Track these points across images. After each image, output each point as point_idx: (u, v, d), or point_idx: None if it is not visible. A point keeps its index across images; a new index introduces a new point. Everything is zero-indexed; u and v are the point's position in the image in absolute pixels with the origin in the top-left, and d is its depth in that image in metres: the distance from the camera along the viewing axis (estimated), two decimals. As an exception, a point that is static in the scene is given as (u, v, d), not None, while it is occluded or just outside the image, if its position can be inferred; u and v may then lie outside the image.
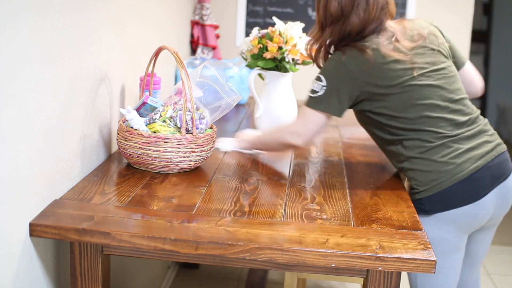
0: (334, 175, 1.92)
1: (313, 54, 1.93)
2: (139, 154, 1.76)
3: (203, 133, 1.83)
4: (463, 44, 3.43)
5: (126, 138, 1.78)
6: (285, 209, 1.60)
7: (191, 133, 1.79)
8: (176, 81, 2.95)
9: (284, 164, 2.03)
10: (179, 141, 1.75)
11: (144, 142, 1.75)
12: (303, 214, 1.57)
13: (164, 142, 1.74)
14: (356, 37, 1.81)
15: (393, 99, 1.78)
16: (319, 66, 1.93)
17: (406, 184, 1.91)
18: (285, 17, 3.43)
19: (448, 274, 1.83)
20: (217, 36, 3.31)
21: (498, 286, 3.25)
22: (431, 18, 3.22)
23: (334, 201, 1.68)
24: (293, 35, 2.24)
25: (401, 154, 1.83)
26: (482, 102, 6.72)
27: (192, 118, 1.78)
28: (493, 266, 3.48)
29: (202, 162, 1.85)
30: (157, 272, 2.81)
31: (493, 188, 1.80)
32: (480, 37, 6.56)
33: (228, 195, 1.68)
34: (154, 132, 1.79)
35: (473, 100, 1.96)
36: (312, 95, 1.82)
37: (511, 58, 6.82)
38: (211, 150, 1.86)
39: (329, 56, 1.88)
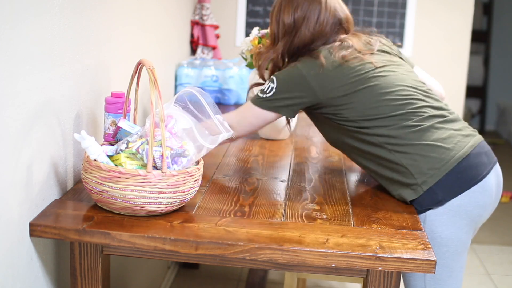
0: (334, 175, 1.92)
1: (260, 64, 1.92)
2: (99, 191, 1.45)
3: (179, 170, 1.46)
4: (463, 44, 3.43)
5: (86, 169, 1.46)
6: (285, 209, 1.60)
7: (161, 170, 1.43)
8: (176, 81, 2.95)
9: (284, 164, 2.03)
10: (144, 178, 1.42)
11: (102, 177, 1.43)
12: (303, 214, 1.57)
13: (126, 178, 1.41)
14: (305, 50, 1.82)
15: (360, 96, 1.72)
16: (262, 78, 1.94)
17: (399, 191, 1.74)
18: (285, 17, 3.43)
19: (458, 277, 1.76)
20: (217, 36, 3.31)
21: (498, 286, 3.25)
22: (431, 18, 3.23)
23: (334, 201, 1.68)
24: (293, 35, 2.23)
25: (391, 146, 1.71)
26: (482, 102, 6.72)
27: (162, 155, 1.43)
28: (493, 266, 3.48)
29: (178, 205, 1.51)
30: (157, 272, 2.81)
31: (492, 168, 1.76)
32: (480, 37, 6.56)
33: (228, 195, 1.68)
34: (117, 165, 1.47)
35: (472, 99, 1.93)
36: (261, 95, 1.79)
37: (511, 58, 6.82)
38: (190, 192, 1.50)
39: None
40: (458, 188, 1.70)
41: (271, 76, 1.81)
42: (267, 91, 1.78)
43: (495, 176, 1.77)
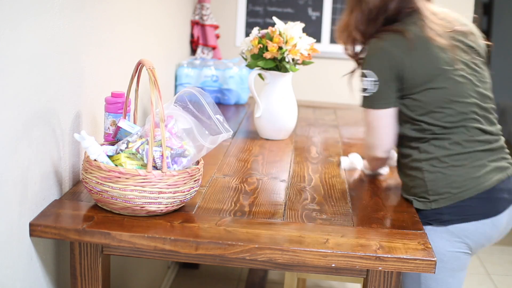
0: (334, 175, 1.92)
1: (341, 41, 1.82)
2: (99, 191, 1.45)
3: (179, 169, 1.47)
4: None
5: (86, 169, 1.47)
6: (285, 209, 1.60)
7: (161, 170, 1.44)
8: (176, 81, 2.95)
9: (284, 164, 2.03)
10: (144, 178, 1.43)
11: (102, 177, 1.43)
12: (303, 214, 1.57)
13: (126, 178, 1.41)
14: (382, 19, 1.71)
15: (432, 92, 1.65)
16: (349, 56, 1.84)
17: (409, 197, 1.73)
18: (285, 17, 3.43)
19: None
20: (217, 36, 3.31)
21: (498, 286, 3.25)
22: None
23: (334, 201, 1.68)
24: (293, 35, 2.24)
25: (425, 153, 1.67)
26: (482, 102, 6.72)
27: (162, 155, 1.44)
28: (493, 266, 3.48)
29: (178, 205, 1.51)
30: (157, 272, 2.81)
31: (508, 208, 1.68)
32: (480, 37, 6.55)
33: (228, 195, 1.68)
34: (117, 165, 1.47)
35: None
36: (366, 95, 1.70)
37: (511, 58, 6.82)
38: (190, 192, 1.51)
39: (365, 47, 1.76)
40: (468, 217, 1.65)
41: (362, 70, 1.71)
42: (370, 87, 1.69)
43: (509, 213, 1.70)
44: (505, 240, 3.89)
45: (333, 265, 1.37)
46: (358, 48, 1.81)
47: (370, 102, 1.71)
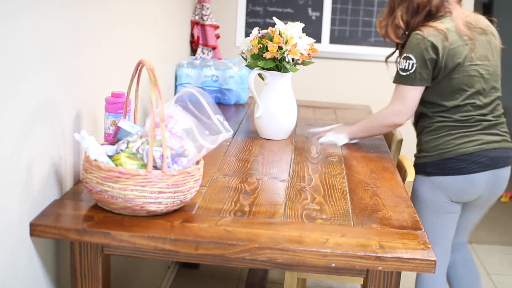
0: (334, 175, 1.92)
1: (384, 31, 2.26)
2: (99, 191, 1.45)
3: (179, 169, 1.47)
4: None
5: (86, 169, 1.47)
6: (285, 209, 1.60)
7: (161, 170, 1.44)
8: (176, 81, 2.95)
9: (284, 164, 2.03)
10: (144, 178, 1.42)
11: (103, 177, 1.43)
12: (303, 214, 1.57)
13: (126, 178, 1.41)
14: (424, 13, 2.16)
15: (447, 80, 2.12)
16: (390, 38, 2.25)
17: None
18: (285, 17, 3.43)
19: (440, 230, 2.22)
20: (217, 36, 3.31)
21: (498, 286, 3.25)
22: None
23: (334, 201, 1.68)
24: (293, 35, 2.24)
25: (427, 122, 2.20)
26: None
27: (162, 155, 1.44)
28: (493, 266, 3.48)
29: (179, 205, 1.52)
30: (157, 271, 2.82)
31: (486, 171, 2.14)
32: (480, 37, 6.56)
33: (228, 195, 1.68)
34: (117, 165, 1.47)
35: None
36: (404, 74, 2.13)
37: (511, 58, 6.82)
38: (190, 191, 1.52)
39: (410, 38, 2.15)
40: (444, 171, 2.16)
41: (405, 54, 2.13)
42: (410, 68, 2.11)
43: (491, 176, 2.16)
44: (505, 240, 3.90)
45: (333, 264, 1.37)
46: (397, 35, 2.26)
47: (406, 80, 2.14)
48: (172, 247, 1.38)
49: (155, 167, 1.45)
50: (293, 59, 2.26)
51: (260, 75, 2.32)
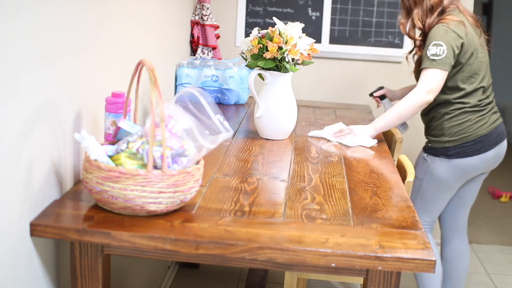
0: (334, 175, 1.92)
1: (407, 31, 2.52)
2: (99, 191, 1.45)
3: (179, 169, 1.47)
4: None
5: (86, 169, 1.47)
6: (285, 209, 1.60)
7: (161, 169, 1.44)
8: (176, 81, 2.95)
9: (284, 164, 2.03)
10: (144, 178, 1.42)
11: (103, 177, 1.43)
12: (303, 214, 1.57)
13: (126, 178, 1.41)
14: (437, 12, 2.44)
15: (465, 68, 2.42)
16: (411, 38, 2.53)
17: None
18: (285, 17, 3.43)
19: (437, 204, 2.59)
20: (217, 36, 3.31)
21: (498, 286, 3.25)
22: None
23: (334, 201, 1.68)
24: (293, 35, 2.24)
25: (447, 107, 2.48)
26: (482, 102, 6.72)
27: (162, 155, 1.44)
28: (493, 266, 3.48)
29: (179, 205, 1.51)
30: (157, 271, 2.82)
31: (495, 147, 2.50)
32: (480, 37, 6.55)
33: (228, 195, 1.68)
34: (117, 165, 1.46)
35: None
36: (436, 58, 2.37)
37: (511, 58, 6.82)
38: (190, 191, 1.52)
39: (434, 29, 2.42)
40: (465, 154, 2.47)
41: (435, 41, 2.38)
42: (441, 54, 2.36)
43: (497, 150, 2.52)
44: (505, 240, 3.91)
45: (333, 264, 1.37)
46: (417, 32, 2.54)
47: (438, 64, 2.38)
48: (172, 247, 1.38)
49: (155, 167, 1.45)
50: (293, 59, 2.26)
51: (260, 75, 2.32)
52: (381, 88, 2.90)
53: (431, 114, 2.55)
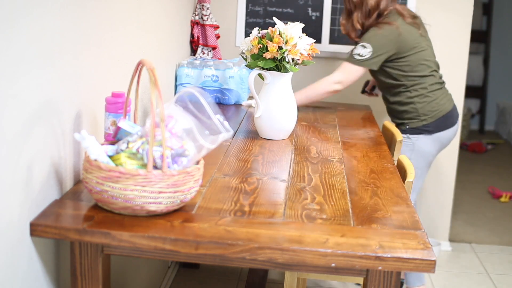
0: (334, 175, 1.92)
1: (346, 31, 2.84)
2: (99, 191, 1.45)
3: (179, 169, 1.47)
4: (462, 44, 3.43)
5: (86, 169, 1.47)
6: (285, 209, 1.60)
7: (161, 169, 1.44)
8: (176, 81, 2.95)
9: (284, 164, 2.03)
10: (144, 178, 1.42)
11: (103, 177, 1.43)
12: (303, 214, 1.57)
13: (126, 178, 1.41)
14: (375, 15, 2.73)
15: (410, 58, 2.75)
16: (352, 38, 2.84)
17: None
18: (285, 17, 3.43)
19: (422, 180, 2.88)
20: (217, 36, 3.31)
21: (498, 286, 3.25)
22: (431, 18, 3.24)
23: (334, 201, 1.68)
24: (293, 35, 2.24)
25: (415, 91, 2.79)
26: (481, 101, 6.72)
27: (162, 155, 1.44)
28: (493, 266, 3.48)
29: (179, 205, 1.51)
30: (157, 271, 2.82)
31: (457, 121, 2.90)
32: (480, 37, 6.55)
33: (228, 195, 1.68)
34: (117, 165, 1.46)
35: (472, 99, 2.10)
36: (358, 58, 2.72)
37: (511, 58, 6.82)
38: (190, 191, 1.52)
39: (367, 32, 2.75)
40: (443, 127, 2.83)
41: (363, 43, 2.71)
42: (364, 55, 2.70)
43: (457, 125, 2.93)
44: (505, 240, 3.90)
45: (333, 264, 1.37)
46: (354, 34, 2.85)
47: (359, 62, 2.74)
48: (172, 247, 1.38)
49: (155, 167, 1.45)
50: (293, 59, 2.26)
51: (260, 75, 2.32)
52: (368, 82, 3.16)
53: (400, 100, 2.84)
